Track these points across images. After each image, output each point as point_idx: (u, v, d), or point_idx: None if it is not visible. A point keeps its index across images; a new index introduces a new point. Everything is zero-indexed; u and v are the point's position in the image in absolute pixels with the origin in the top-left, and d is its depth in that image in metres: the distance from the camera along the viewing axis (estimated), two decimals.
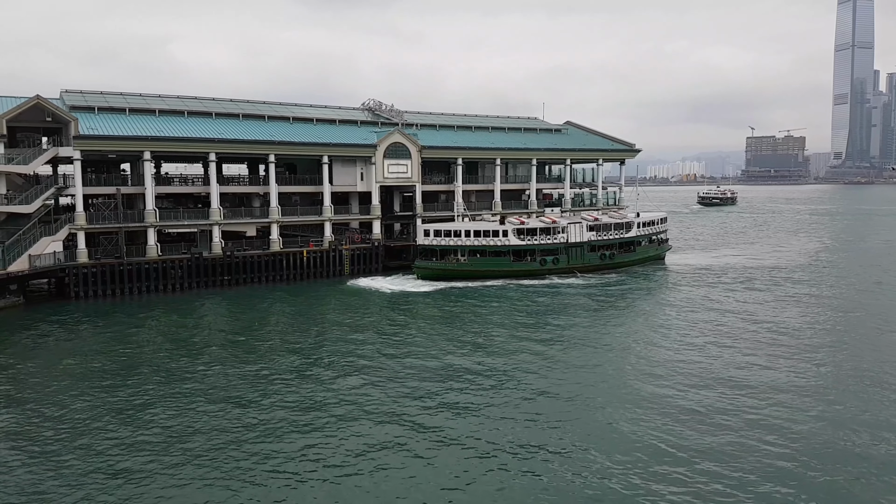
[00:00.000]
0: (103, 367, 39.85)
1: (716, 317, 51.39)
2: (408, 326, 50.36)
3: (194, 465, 26.04)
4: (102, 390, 35.24)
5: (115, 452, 27.20)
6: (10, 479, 25.07)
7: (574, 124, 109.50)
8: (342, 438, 28.44)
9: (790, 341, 43.79)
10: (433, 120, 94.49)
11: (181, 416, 31.15)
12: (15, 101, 65.25)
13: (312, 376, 37.40)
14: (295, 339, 46.53)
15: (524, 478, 24.81)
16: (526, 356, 40.79)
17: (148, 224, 65.85)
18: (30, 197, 59.99)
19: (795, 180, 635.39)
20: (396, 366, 39.13)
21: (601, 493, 23.64)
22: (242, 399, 33.48)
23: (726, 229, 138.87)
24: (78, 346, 45.95)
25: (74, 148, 62.35)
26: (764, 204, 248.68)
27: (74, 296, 61.06)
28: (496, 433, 28.85)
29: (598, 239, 77.47)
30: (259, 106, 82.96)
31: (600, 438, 28.20)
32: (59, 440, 28.54)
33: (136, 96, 76.52)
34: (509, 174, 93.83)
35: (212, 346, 45.16)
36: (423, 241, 73.36)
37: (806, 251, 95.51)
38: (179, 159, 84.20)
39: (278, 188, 73.55)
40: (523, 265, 72.68)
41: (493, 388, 34.76)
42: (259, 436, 28.77)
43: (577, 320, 51.39)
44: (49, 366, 40.25)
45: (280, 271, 71.04)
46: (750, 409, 31.29)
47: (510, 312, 54.91)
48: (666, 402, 32.27)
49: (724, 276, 71.28)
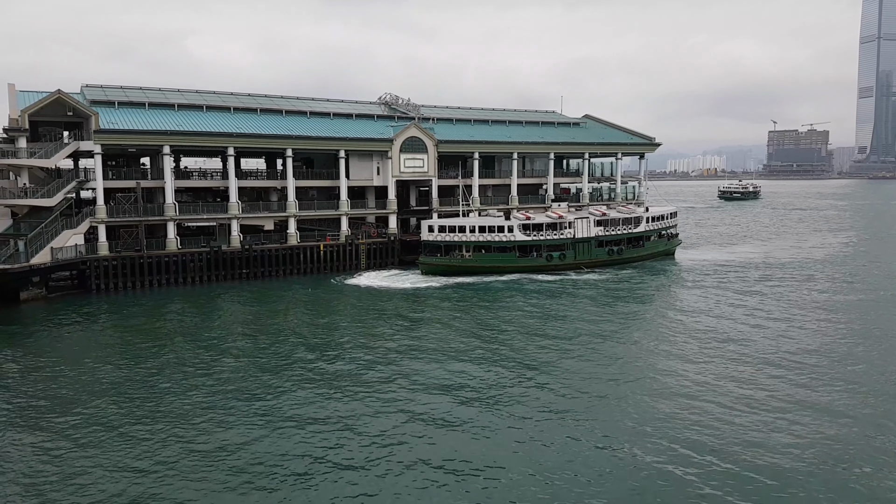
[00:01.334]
0: (124, 357, 40.46)
1: (718, 323, 50.79)
2: (412, 321, 50.49)
3: (216, 455, 26.37)
4: (122, 380, 35.76)
5: (135, 440, 27.64)
6: (39, 464, 25.58)
7: (593, 118, 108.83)
8: (365, 433, 28.63)
9: (802, 347, 43.25)
10: (450, 114, 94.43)
11: (199, 409, 31.52)
12: (37, 95, 66.21)
13: (330, 370, 37.67)
14: (309, 333, 46.86)
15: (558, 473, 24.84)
16: (536, 353, 40.75)
17: (168, 218, 66.59)
18: (52, 190, 60.87)
19: (818, 175, 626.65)
20: (406, 358, 39.31)
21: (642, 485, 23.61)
22: (256, 391, 33.81)
23: (743, 224, 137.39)
24: (99, 336, 46.69)
25: (95, 142, 63.13)
26: (789, 199, 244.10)
27: (95, 288, 61.96)
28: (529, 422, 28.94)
29: (606, 234, 76.58)
30: (277, 100, 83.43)
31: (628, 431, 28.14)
32: (79, 427, 29.04)
33: (155, 91, 77.26)
34: (526, 168, 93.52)
35: (230, 338, 45.60)
36: (428, 237, 72.72)
37: (827, 247, 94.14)
38: (198, 153, 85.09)
39: (296, 182, 73.99)
40: (529, 261, 71.92)
41: (510, 385, 34.81)
42: (277, 427, 29.05)
43: (579, 324, 51.16)
44: (71, 356, 40.92)
45: (297, 265, 71.52)
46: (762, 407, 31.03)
47: (518, 309, 54.82)
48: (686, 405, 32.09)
49: (738, 274, 69.96)
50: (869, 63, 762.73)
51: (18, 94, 65.62)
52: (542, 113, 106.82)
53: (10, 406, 32.16)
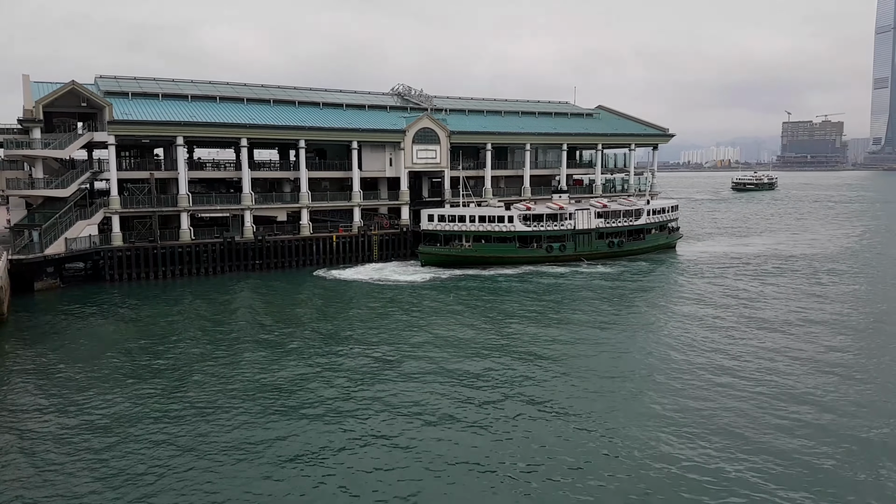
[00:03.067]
0: (137, 345, 40.59)
1: (723, 312, 50.41)
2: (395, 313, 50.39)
3: (240, 449, 26.39)
4: (136, 367, 35.88)
5: (150, 430, 27.73)
6: (59, 451, 25.69)
7: (606, 108, 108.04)
8: (368, 422, 28.59)
9: (800, 335, 42.86)
10: (462, 105, 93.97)
11: (214, 399, 31.57)
12: (51, 86, 66.32)
13: (341, 361, 37.65)
14: (318, 324, 46.89)
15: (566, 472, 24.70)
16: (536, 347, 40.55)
17: (181, 208, 66.71)
18: (66, 181, 61.07)
19: (832, 166, 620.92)
20: (411, 348, 39.25)
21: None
22: (270, 380, 33.84)
23: (758, 217, 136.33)
24: (113, 325, 46.82)
25: (109, 133, 63.23)
26: (813, 191, 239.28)
27: (109, 278, 62.20)
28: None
29: (607, 226, 76.19)
30: (290, 91, 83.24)
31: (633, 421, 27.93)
32: (95, 416, 29.14)
33: (168, 82, 77.28)
34: (539, 159, 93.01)
35: (243, 328, 45.63)
36: (427, 227, 72.45)
37: (835, 239, 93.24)
38: (212, 144, 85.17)
39: (308, 174, 73.92)
40: (529, 251, 71.63)
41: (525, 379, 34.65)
42: (289, 417, 29.06)
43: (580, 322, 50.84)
44: (84, 344, 41.11)
45: (310, 256, 71.52)
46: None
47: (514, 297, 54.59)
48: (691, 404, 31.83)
49: (740, 267, 69.34)
50: (884, 54, 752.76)
51: (33, 86, 65.71)
52: (555, 104, 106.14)
53: (26, 395, 32.30)
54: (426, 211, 74.10)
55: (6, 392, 32.81)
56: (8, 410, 30.39)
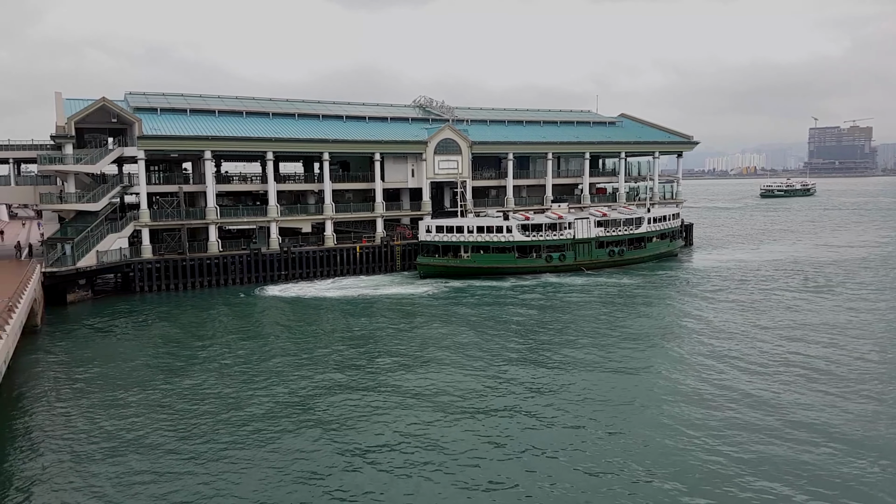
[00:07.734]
0: (169, 354, 41.49)
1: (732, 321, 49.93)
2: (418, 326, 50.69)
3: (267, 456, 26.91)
4: (169, 375, 36.63)
5: (181, 434, 28.37)
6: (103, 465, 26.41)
7: (629, 116, 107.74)
8: (407, 428, 28.97)
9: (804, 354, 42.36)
10: (483, 115, 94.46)
11: (246, 407, 32.16)
12: (82, 103, 68.08)
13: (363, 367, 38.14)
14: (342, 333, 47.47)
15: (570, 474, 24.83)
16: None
17: (209, 221, 67.97)
18: (97, 195, 62.60)
19: (861, 172, 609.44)
20: (423, 355, 39.56)
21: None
22: (291, 387, 34.39)
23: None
24: (145, 335, 47.87)
25: (138, 148, 64.77)
26: (840, 197, 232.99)
27: (139, 290, 63.47)
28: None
29: (607, 235, 75.48)
30: (314, 105, 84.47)
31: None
32: (130, 425, 29.87)
33: (196, 97, 78.91)
34: (561, 168, 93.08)
35: (270, 336, 46.32)
36: (426, 237, 71.90)
37: (847, 246, 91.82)
38: (238, 158, 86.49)
39: (332, 185, 74.90)
40: (528, 261, 71.02)
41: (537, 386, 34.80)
42: (314, 426, 29.53)
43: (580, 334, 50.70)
44: (118, 354, 42.01)
45: (334, 266, 72.27)
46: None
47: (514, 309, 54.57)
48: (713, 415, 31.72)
49: (754, 277, 68.64)
50: None
51: (65, 102, 67.59)
52: (577, 112, 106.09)
53: (60, 403, 33.19)
54: (424, 221, 74.03)
55: (43, 401, 33.71)
56: (44, 418, 31.24)
